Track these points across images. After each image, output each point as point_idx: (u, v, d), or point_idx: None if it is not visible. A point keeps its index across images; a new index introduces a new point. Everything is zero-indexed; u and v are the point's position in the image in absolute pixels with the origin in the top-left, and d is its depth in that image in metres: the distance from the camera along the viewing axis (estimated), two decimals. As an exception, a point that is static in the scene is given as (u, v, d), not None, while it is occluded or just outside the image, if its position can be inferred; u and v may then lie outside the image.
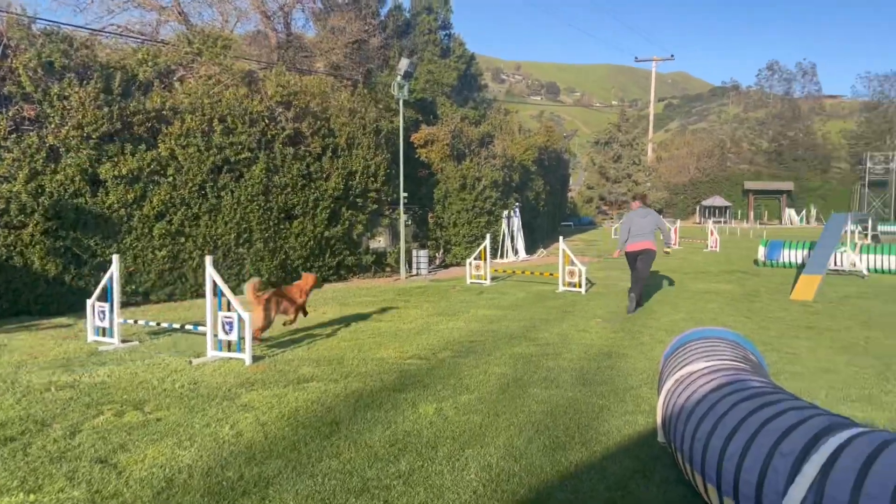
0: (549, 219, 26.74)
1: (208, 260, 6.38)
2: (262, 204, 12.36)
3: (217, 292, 6.40)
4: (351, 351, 6.88)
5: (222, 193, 11.81)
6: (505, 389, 5.42)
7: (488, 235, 13.46)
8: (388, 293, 11.75)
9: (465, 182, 16.88)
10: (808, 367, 6.41)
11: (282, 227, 12.78)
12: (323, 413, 4.77)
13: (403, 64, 14.07)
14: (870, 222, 24.47)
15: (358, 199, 14.13)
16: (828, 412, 3.05)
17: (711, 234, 22.68)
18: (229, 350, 6.39)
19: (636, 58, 53.07)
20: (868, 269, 15.11)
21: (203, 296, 6.88)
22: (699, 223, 46.02)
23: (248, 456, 3.94)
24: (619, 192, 46.39)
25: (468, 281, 12.67)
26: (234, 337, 6.30)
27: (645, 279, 9.65)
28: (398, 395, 5.21)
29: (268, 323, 7.02)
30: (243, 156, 12.07)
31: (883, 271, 15.37)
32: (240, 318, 6.21)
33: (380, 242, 16.22)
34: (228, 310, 6.34)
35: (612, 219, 42.52)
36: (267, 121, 12.55)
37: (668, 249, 11.10)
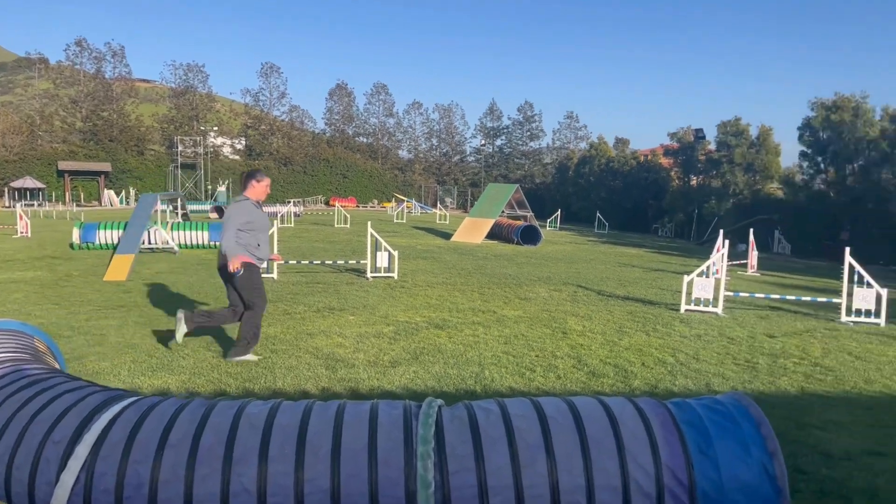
0: None
1: None
2: None
3: None
4: None
5: None
6: None
7: None
8: None
9: None
10: (115, 345, 6.51)
11: None
12: None
13: None
14: (180, 201, 26.51)
15: None
16: (105, 388, 3.09)
17: (21, 218, 20.74)
18: None
19: None
20: (179, 246, 16.36)
21: None
22: (9, 207, 41.53)
23: None
24: None
25: None
26: None
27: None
28: None
29: None
30: None
31: (193, 246, 16.89)
32: None
33: None
34: None
35: None
36: None
37: None
